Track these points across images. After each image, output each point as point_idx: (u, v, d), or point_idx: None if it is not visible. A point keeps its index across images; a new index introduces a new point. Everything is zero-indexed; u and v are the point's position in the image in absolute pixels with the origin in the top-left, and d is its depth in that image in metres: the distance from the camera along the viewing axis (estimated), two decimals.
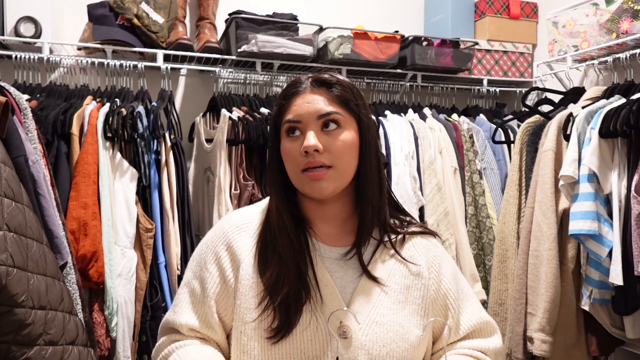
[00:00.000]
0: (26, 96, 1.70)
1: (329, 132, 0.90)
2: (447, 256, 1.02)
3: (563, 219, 1.64)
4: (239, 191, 1.81)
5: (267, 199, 0.99)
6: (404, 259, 0.95)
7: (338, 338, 0.87)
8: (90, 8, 1.94)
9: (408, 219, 1.02)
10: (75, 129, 1.67)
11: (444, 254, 1.01)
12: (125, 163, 1.72)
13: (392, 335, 0.88)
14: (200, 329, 0.92)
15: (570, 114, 1.68)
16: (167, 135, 1.80)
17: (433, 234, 1.03)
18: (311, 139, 0.87)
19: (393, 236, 0.96)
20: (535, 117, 1.91)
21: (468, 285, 1.04)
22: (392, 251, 0.95)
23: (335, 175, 0.89)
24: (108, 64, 1.94)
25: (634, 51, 1.81)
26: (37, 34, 1.84)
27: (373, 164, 0.94)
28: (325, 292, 0.89)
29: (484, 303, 1.94)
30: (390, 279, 0.93)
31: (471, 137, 2.16)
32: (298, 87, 0.93)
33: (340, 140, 0.90)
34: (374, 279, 0.91)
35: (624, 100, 1.61)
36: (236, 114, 1.90)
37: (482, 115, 2.31)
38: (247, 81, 2.19)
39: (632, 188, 1.46)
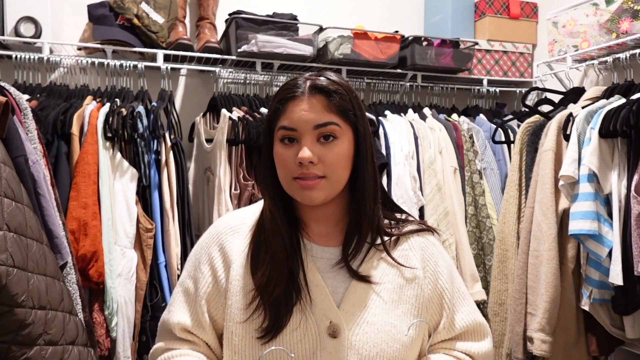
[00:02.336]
0: (26, 96, 1.70)
1: (324, 143, 0.88)
2: (443, 254, 1.01)
3: (563, 219, 1.64)
4: (239, 191, 1.81)
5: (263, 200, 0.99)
6: (396, 261, 0.94)
7: (327, 338, 0.87)
8: (90, 8, 1.94)
9: (404, 216, 1.01)
10: (75, 129, 1.67)
11: (440, 252, 1.00)
12: (125, 163, 1.72)
13: (382, 336, 0.88)
14: (191, 329, 0.93)
15: (570, 114, 1.68)
16: (167, 135, 1.80)
17: (430, 230, 1.01)
18: (306, 151, 0.86)
19: (386, 238, 0.95)
20: (535, 117, 1.91)
21: (463, 284, 1.03)
22: (385, 253, 0.94)
23: (327, 185, 0.88)
24: (108, 64, 1.95)
25: (634, 51, 1.81)
26: (37, 34, 1.84)
27: (369, 173, 0.92)
28: (316, 293, 0.89)
29: (484, 303, 1.94)
30: (383, 278, 0.92)
31: (471, 137, 2.16)
32: (295, 92, 0.89)
33: (335, 152, 0.88)
34: (364, 279, 0.91)
35: (624, 100, 1.61)
36: (236, 114, 1.90)
37: (482, 115, 2.31)
38: (247, 81, 2.19)
39: (632, 188, 1.46)
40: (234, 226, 0.97)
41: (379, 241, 0.95)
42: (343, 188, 0.93)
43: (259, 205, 1.00)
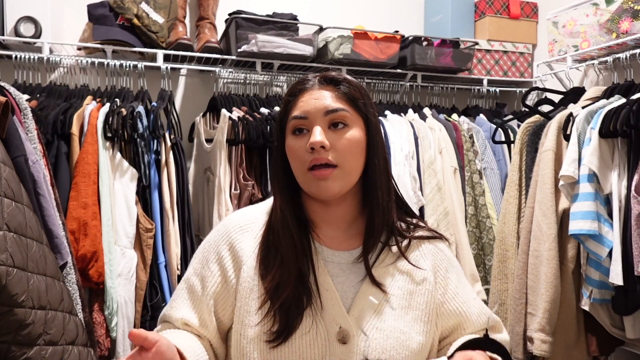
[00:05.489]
0: (26, 96, 1.70)
1: (335, 130, 0.88)
2: (453, 260, 1.01)
3: (563, 219, 1.64)
4: (239, 191, 1.81)
5: (272, 199, 0.98)
6: (410, 263, 0.93)
7: (337, 343, 0.86)
8: (90, 8, 1.94)
9: (415, 221, 1.01)
10: (75, 129, 1.67)
11: (450, 257, 1.00)
12: (125, 163, 1.72)
13: (392, 342, 0.87)
14: (194, 325, 0.92)
15: (570, 114, 1.68)
16: (167, 135, 1.80)
17: (441, 237, 1.01)
18: (317, 135, 0.86)
19: (399, 239, 0.95)
20: (535, 117, 1.91)
21: (472, 288, 1.03)
22: (397, 255, 0.94)
23: (341, 174, 0.88)
24: (108, 64, 1.95)
25: (634, 51, 1.81)
26: (37, 34, 1.85)
27: (381, 165, 0.92)
28: (326, 297, 0.88)
29: (484, 303, 1.94)
30: (393, 284, 0.91)
31: (471, 137, 2.16)
32: (305, 84, 0.92)
33: (347, 139, 0.88)
34: (376, 284, 0.90)
35: (624, 100, 1.61)
36: (236, 114, 1.90)
37: (482, 115, 2.31)
38: (247, 81, 2.19)
39: (632, 188, 1.46)
40: (244, 225, 0.96)
41: (393, 242, 0.94)
42: (355, 186, 0.93)
43: (268, 204, 0.99)
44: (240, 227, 0.95)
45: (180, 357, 0.79)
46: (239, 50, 2.01)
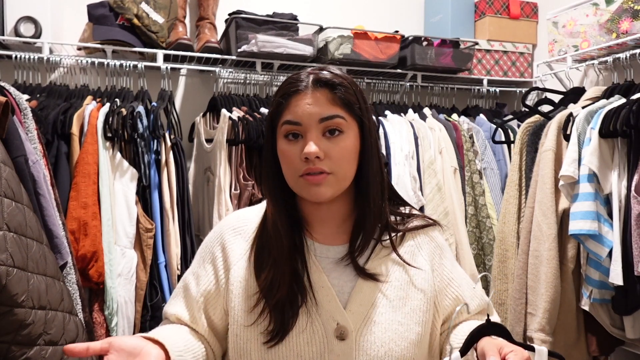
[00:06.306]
0: (26, 96, 1.70)
1: (330, 138, 0.86)
2: (444, 245, 1.01)
3: (563, 219, 1.64)
4: (239, 191, 1.81)
5: None
6: (402, 258, 0.93)
7: (335, 340, 0.87)
8: (90, 8, 1.94)
9: (408, 210, 1.01)
10: (75, 129, 1.67)
11: (442, 244, 1.01)
12: (125, 163, 1.72)
13: (390, 335, 0.87)
14: (186, 321, 0.93)
15: (570, 114, 1.68)
16: (167, 135, 1.80)
17: (435, 224, 1.01)
18: (312, 145, 0.84)
19: (393, 235, 0.95)
20: (535, 117, 1.91)
21: (462, 269, 1.04)
22: (391, 249, 0.94)
23: (334, 181, 0.87)
24: (108, 64, 1.95)
25: (634, 51, 1.81)
26: (37, 34, 1.85)
27: (375, 167, 0.91)
28: (322, 294, 0.88)
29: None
30: (389, 275, 0.92)
31: (471, 137, 2.16)
32: (298, 86, 0.88)
33: (341, 147, 0.87)
34: (371, 277, 0.90)
35: (624, 100, 1.61)
36: (236, 114, 1.90)
37: (482, 115, 2.31)
38: (247, 81, 2.19)
39: (632, 188, 1.46)
40: (237, 227, 0.96)
41: (385, 237, 0.94)
42: (349, 185, 0.92)
43: (263, 206, 0.99)
44: (234, 229, 0.96)
45: (159, 347, 0.80)
46: (239, 50, 2.01)
